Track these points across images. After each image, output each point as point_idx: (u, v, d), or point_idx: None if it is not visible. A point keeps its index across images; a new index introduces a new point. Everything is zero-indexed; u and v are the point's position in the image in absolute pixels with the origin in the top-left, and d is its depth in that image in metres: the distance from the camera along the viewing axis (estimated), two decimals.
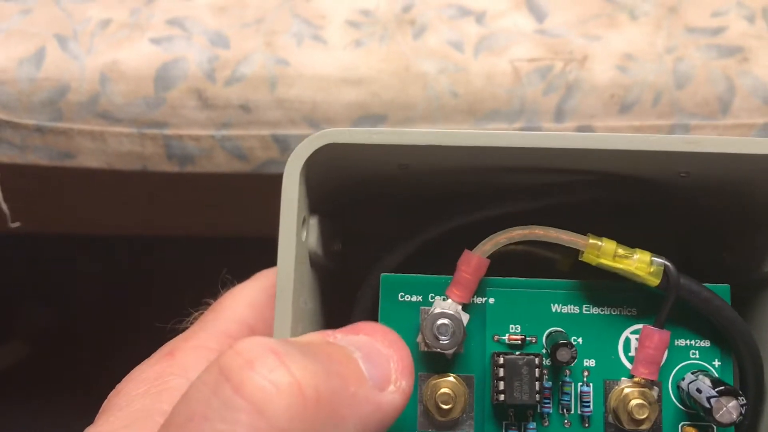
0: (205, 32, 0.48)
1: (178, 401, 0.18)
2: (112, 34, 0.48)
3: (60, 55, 0.48)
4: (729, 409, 0.22)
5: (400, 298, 0.24)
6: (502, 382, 0.23)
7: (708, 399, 0.22)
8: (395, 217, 0.25)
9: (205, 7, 0.50)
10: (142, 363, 0.24)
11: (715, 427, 0.23)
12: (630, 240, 0.23)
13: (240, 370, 0.17)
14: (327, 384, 0.18)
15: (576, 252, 0.23)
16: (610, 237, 0.23)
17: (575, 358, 0.23)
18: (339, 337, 0.19)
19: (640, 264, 0.23)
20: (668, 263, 0.23)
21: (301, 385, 0.17)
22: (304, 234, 0.22)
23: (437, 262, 0.24)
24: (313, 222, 0.23)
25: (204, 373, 0.18)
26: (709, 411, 0.22)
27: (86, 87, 0.47)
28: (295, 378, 0.17)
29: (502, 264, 0.24)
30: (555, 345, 0.23)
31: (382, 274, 0.24)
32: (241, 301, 0.26)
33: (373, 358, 0.19)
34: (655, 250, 0.23)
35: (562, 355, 0.23)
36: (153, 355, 0.25)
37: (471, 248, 0.23)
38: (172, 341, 0.25)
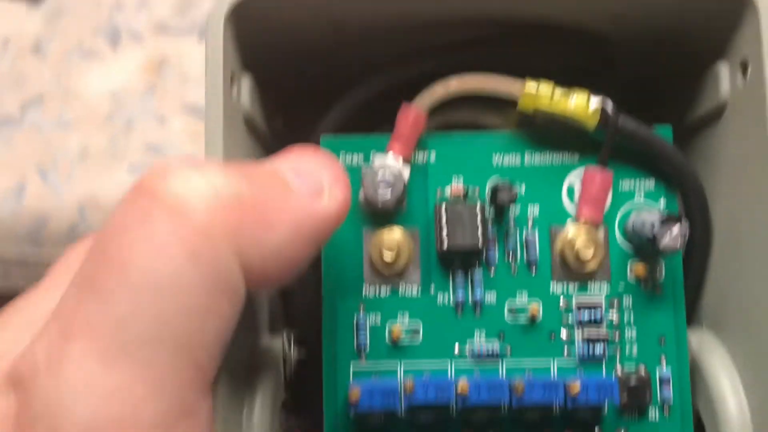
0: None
1: (104, 222, 0.18)
2: (91, 163, 0.49)
3: (41, 186, 0.49)
4: (673, 235, 0.22)
5: (341, 158, 0.24)
6: (445, 229, 0.23)
7: (652, 227, 0.22)
8: (332, 81, 0.25)
9: (182, 132, 0.51)
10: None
11: (662, 260, 0.23)
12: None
13: (155, 182, 0.17)
14: (251, 189, 0.18)
15: (514, 100, 0.23)
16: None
17: (514, 200, 0.23)
18: (262, 162, 0.19)
19: (579, 103, 0.23)
20: (607, 99, 0.23)
21: (219, 189, 0.17)
22: (234, 91, 0.22)
23: (378, 125, 0.24)
24: (246, 81, 0.23)
25: (125, 195, 0.18)
26: (654, 240, 0.22)
27: (66, 217, 0.49)
28: (213, 183, 0.17)
29: (443, 117, 0.24)
30: (494, 188, 0.23)
31: (322, 135, 0.24)
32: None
33: (302, 171, 0.19)
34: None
35: (503, 196, 0.23)
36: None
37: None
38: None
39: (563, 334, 0.23)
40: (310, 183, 0.19)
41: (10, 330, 0.20)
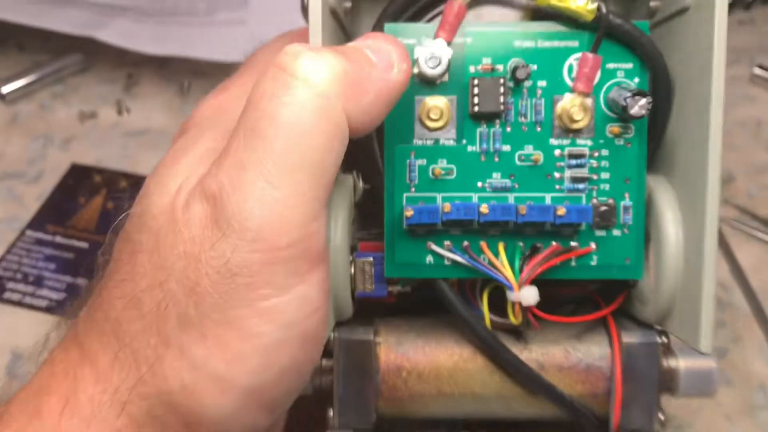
0: None
1: (250, 92, 0.26)
2: None
3: None
4: (639, 105, 0.30)
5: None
6: (476, 97, 0.31)
7: (625, 99, 0.30)
8: None
9: None
10: (201, 101, 0.33)
11: (631, 124, 0.32)
12: None
13: (291, 61, 0.26)
14: (351, 66, 0.26)
15: (533, 9, 0.31)
16: None
17: (529, 75, 0.31)
18: (350, 44, 0.28)
19: (581, 4, 0.31)
20: (601, 3, 0.31)
21: (332, 66, 0.26)
22: None
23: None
24: None
25: (266, 72, 0.26)
26: (625, 108, 0.30)
27: None
28: (328, 62, 0.26)
29: (479, 10, 0.31)
30: (516, 69, 0.31)
31: (386, 23, 0.32)
32: (273, 49, 0.34)
33: (379, 50, 0.28)
34: None
35: (520, 72, 0.31)
36: (207, 95, 0.33)
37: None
38: (220, 85, 0.33)
39: (556, 174, 0.32)
40: (385, 59, 0.28)
41: (191, 156, 0.29)
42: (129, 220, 0.29)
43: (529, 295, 0.31)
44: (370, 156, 0.33)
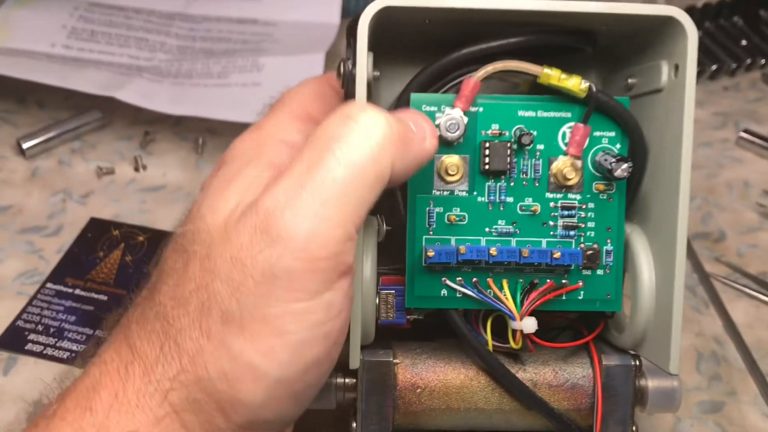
0: None
1: (316, 130, 0.37)
2: None
3: None
4: (622, 169, 0.42)
5: (423, 109, 0.43)
6: (487, 157, 0.43)
7: (610, 163, 0.42)
8: (416, 58, 0.45)
9: None
10: (237, 138, 0.43)
11: (614, 183, 0.44)
12: (569, 71, 0.43)
13: (357, 112, 0.37)
14: (400, 130, 0.37)
15: (533, 78, 0.43)
16: (558, 67, 0.43)
17: (532, 142, 0.43)
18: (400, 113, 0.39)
19: (575, 83, 0.43)
20: (592, 84, 0.43)
21: (391, 125, 0.37)
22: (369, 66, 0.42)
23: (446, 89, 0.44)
24: (370, 57, 0.42)
25: (332, 116, 0.37)
26: (610, 171, 0.42)
27: None
28: (388, 121, 0.37)
29: (489, 84, 0.43)
30: (520, 135, 0.43)
31: (412, 93, 0.44)
32: (304, 93, 0.45)
33: (417, 124, 0.39)
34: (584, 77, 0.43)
35: (525, 139, 0.43)
36: (242, 133, 0.43)
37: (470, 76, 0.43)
38: (254, 124, 0.44)
39: (551, 223, 0.44)
40: (421, 131, 0.39)
41: (240, 183, 0.38)
42: (182, 236, 0.38)
43: (530, 324, 0.43)
44: (393, 203, 0.44)
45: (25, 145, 0.76)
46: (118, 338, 0.38)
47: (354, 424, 0.44)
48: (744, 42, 0.91)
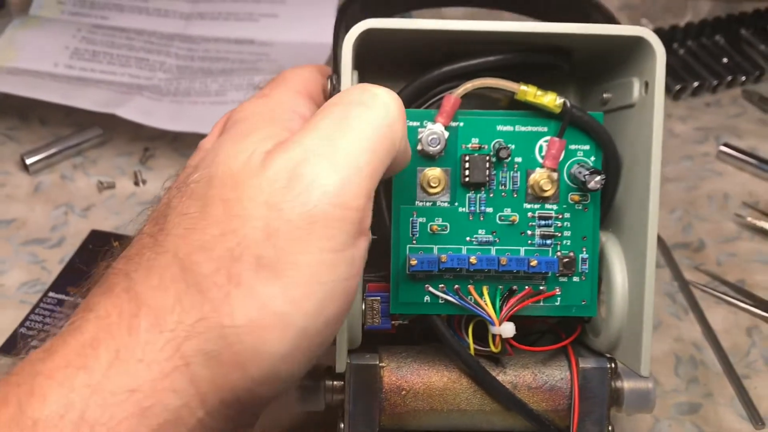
0: None
1: (335, 96, 0.38)
2: None
3: None
4: (595, 181, 0.44)
5: (408, 124, 0.45)
6: (467, 170, 0.45)
7: (584, 176, 0.44)
8: (400, 74, 0.46)
9: None
10: (241, 104, 0.43)
11: (589, 194, 0.45)
12: (545, 87, 0.45)
13: (374, 87, 0.38)
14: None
15: (512, 94, 0.44)
16: (534, 84, 0.44)
17: (510, 155, 0.45)
18: None
19: (550, 99, 0.44)
20: (566, 100, 0.44)
21: (398, 107, 0.38)
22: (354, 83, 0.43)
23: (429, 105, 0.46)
24: (354, 75, 0.44)
25: (352, 87, 0.38)
26: (584, 183, 0.44)
27: None
28: (399, 99, 0.38)
29: (469, 100, 0.45)
30: (498, 149, 0.45)
31: None
32: (304, 73, 0.46)
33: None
34: (558, 93, 0.45)
35: (503, 153, 0.45)
36: (247, 100, 0.44)
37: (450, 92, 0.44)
38: (257, 93, 0.45)
39: (529, 232, 0.45)
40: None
41: (257, 136, 0.38)
42: (195, 182, 0.37)
43: (508, 329, 0.44)
44: (378, 213, 0.46)
45: (28, 161, 0.77)
46: (114, 291, 0.35)
47: (341, 425, 0.46)
48: (725, 60, 0.93)
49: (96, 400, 0.33)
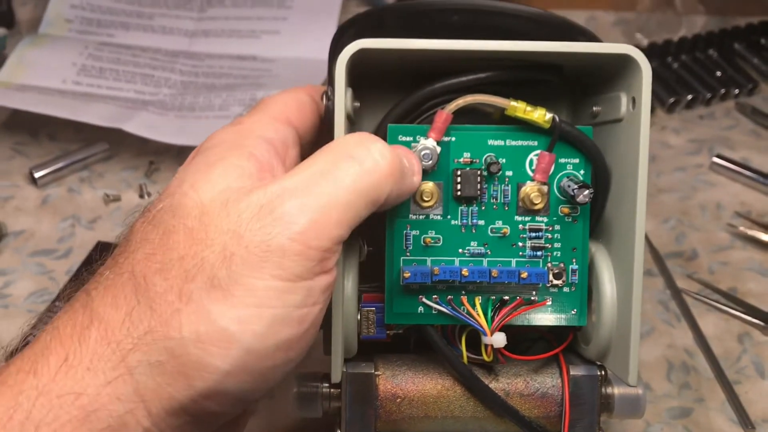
0: None
1: (332, 143, 0.39)
2: None
3: None
4: (584, 195, 0.44)
5: (399, 139, 0.46)
6: (459, 184, 0.45)
7: (573, 190, 0.44)
8: (395, 89, 0.47)
9: None
10: (216, 131, 0.44)
11: (578, 206, 0.46)
12: (537, 101, 0.45)
13: (372, 141, 0.39)
14: (400, 165, 0.40)
15: (503, 109, 0.45)
16: (524, 100, 0.45)
17: (500, 170, 0.45)
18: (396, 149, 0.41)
19: (540, 115, 0.45)
20: (555, 115, 0.45)
21: (395, 159, 0.40)
22: (347, 100, 0.44)
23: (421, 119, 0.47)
24: (348, 92, 0.45)
25: (350, 136, 0.40)
26: (573, 196, 0.44)
27: None
28: (393, 155, 0.40)
29: (462, 115, 0.45)
30: (489, 163, 0.45)
31: (389, 124, 0.46)
32: (284, 99, 0.47)
33: (410, 161, 0.42)
34: (550, 107, 0.45)
35: (494, 167, 0.45)
36: (223, 127, 0.45)
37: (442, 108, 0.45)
38: (233, 120, 0.45)
39: (520, 244, 0.46)
40: (412, 168, 0.42)
41: (222, 168, 0.39)
42: (159, 211, 0.39)
43: (499, 339, 0.44)
44: (374, 226, 0.46)
45: (36, 175, 0.78)
46: (73, 306, 0.38)
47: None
48: (719, 73, 0.94)
49: (42, 401, 0.35)
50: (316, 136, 0.48)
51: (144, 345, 0.36)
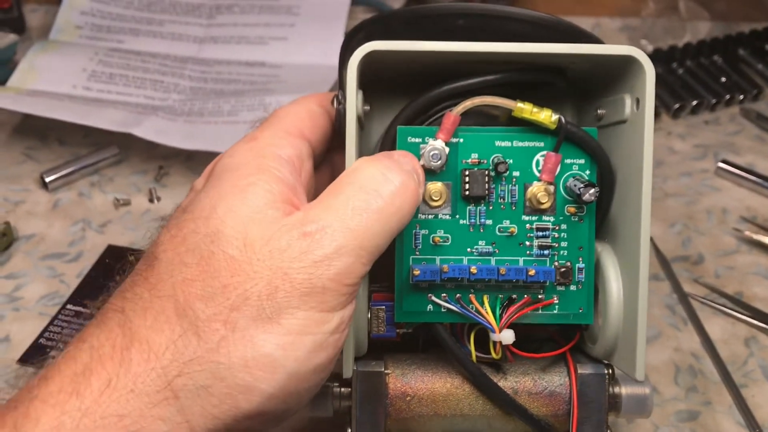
0: None
1: (359, 176, 0.41)
2: None
3: None
4: (590, 194, 0.45)
5: (408, 140, 0.46)
6: (467, 184, 0.46)
7: (579, 188, 0.45)
8: (404, 92, 0.48)
9: None
10: (231, 147, 0.46)
11: (584, 206, 0.46)
12: (544, 103, 0.46)
13: (392, 169, 0.41)
14: (419, 192, 0.42)
15: (510, 110, 0.46)
16: (531, 101, 0.46)
17: (508, 170, 0.46)
18: (397, 157, 0.43)
19: (546, 116, 0.46)
20: (561, 116, 0.46)
21: (417, 189, 0.42)
22: (358, 104, 0.45)
23: (430, 121, 0.47)
24: (359, 95, 0.45)
25: (374, 170, 0.41)
26: (579, 195, 0.45)
27: None
28: (415, 184, 0.41)
29: (469, 117, 0.46)
30: (497, 163, 0.46)
31: (399, 126, 0.47)
32: (296, 110, 0.48)
33: (418, 174, 0.43)
34: (555, 109, 0.46)
35: (501, 167, 0.46)
36: (237, 143, 0.46)
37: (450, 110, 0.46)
38: (247, 135, 0.46)
39: (527, 243, 0.47)
40: (418, 178, 0.43)
41: (253, 196, 0.41)
42: (193, 234, 0.40)
43: (507, 336, 0.45)
44: None
45: (47, 179, 0.79)
46: (107, 324, 0.39)
47: (349, 430, 0.47)
48: (723, 79, 0.94)
49: (86, 422, 0.36)
50: (328, 143, 0.50)
51: (190, 371, 0.37)
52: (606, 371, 0.46)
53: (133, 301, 0.39)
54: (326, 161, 0.52)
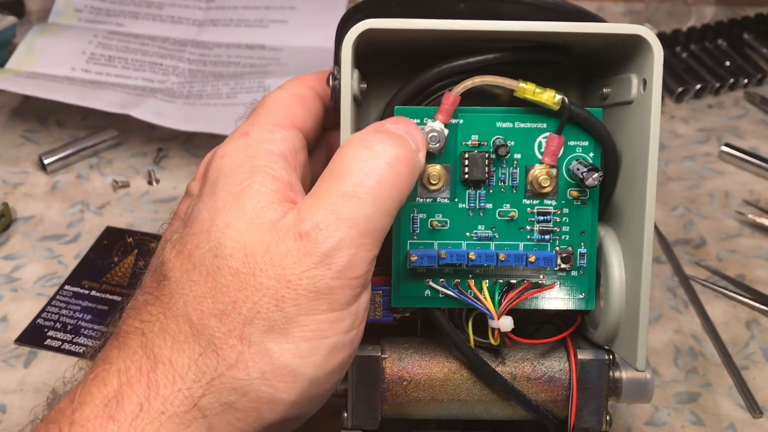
0: None
1: (338, 155, 0.39)
2: None
3: None
4: (593, 178, 0.43)
5: None
6: (467, 167, 0.44)
7: (582, 172, 0.44)
8: (402, 72, 0.46)
9: None
10: (222, 145, 0.44)
11: (587, 190, 0.45)
12: (547, 82, 0.44)
13: (377, 141, 0.39)
14: (418, 160, 0.40)
15: (512, 91, 0.44)
16: (533, 82, 0.44)
17: (509, 153, 0.44)
18: (388, 126, 0.41)
19: (549, 96, 0.44)
20: (564, 97, 0.44)
21: (415, 160, 0.40)
22: (354, 82, 0.43)
23: (429, 101, 0.46)
24: (355, 73, 0.44)
25: (355, 145, 0.39)
26: (582, 179, 0.43)
27: None
28: (395, 142, 0.39)
29: (470, 97, 0.45)
30: (498, 145, 0.44)
31: (396, 106, 0.45)
32: (285, 98, 0.46)
33: (413, 138, 0.41)
34: (558, 90, 0.44)
35: (502, 150, 0.44)
36: (228, 138, 0.44)
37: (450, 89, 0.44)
38: (238, 130, 0.45)
39: (528, 227, 0.45)
40: (417, 145, 0.41)
41: (253, 196, 0.40)
42: (196, 248, 0.39)
43: (506, 324, 0.44)
44: None
45: (46, 161, 0.78)
46: (129, 345, 0.39)
47: (345, 414, 0.45)
48: (728, 63, 0.93)
49: None
50: (323, 125, 0.48)
51: (214, 389, 0.37)
52: (606, 357, 0.45)
53: (150, 322, 0.39)
54: (323, 140, 0.50)
